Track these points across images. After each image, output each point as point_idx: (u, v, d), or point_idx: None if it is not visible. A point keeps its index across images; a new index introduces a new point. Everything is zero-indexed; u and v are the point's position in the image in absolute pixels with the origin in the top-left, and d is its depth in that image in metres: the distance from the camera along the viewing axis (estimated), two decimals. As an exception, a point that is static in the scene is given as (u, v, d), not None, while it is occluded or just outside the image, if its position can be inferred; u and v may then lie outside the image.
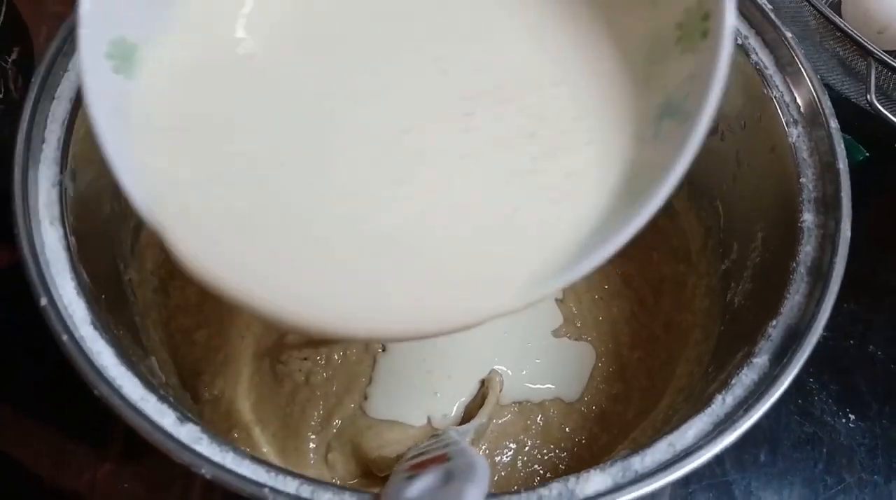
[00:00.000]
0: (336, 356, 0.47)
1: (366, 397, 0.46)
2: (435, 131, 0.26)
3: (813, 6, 0.52)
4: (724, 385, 0.31)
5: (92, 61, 0.24)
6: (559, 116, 0.27)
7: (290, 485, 0.27)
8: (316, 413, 0.46)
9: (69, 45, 0.36)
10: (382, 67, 0.27)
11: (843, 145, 0.35)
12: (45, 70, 0.35)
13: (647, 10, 0.27)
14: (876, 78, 0.51)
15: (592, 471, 0.28)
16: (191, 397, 0.44)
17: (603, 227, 0.25)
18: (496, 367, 0.47)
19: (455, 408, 0.46)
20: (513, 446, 0.45)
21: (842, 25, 0.51)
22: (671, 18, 0.26)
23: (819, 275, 0.33)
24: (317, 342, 0.46)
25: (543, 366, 0.47)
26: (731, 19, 0.24)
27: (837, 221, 0.33)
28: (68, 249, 0.32)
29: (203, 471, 0.27)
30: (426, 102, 0.27)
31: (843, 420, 0.51)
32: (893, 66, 0.49)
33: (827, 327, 0.53)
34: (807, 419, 0.51)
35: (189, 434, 0.28)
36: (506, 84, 0.27)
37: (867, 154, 0.58)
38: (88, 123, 0.35)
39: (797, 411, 0.51)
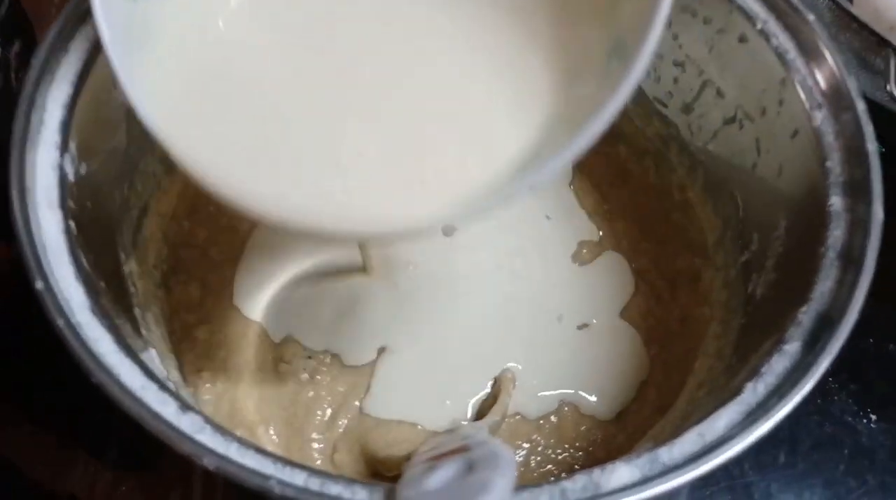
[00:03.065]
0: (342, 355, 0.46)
1: (367, 394, 0.44)
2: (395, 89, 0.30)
3: (829, -3, 0.51)
4: (754, 373, 0.29)
5: None
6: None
7: (297, 477, 0.26)
8: (321, 413, 0.44)
9: (70, 27, 0.35)
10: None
11: (871, 126, 0.34)
12: (45, 52, 0.34)
13: None
14: (895, 70, 0.50)
15: (619, 463, 0.27)
16: (192, 395, 0.42)
17: (536, 159, 0.28)
18: (509, 364, 0.45)
19: (467, 410, 0.44)
20: (526, 445, 0.43)
21: (858, 16, 0.50)
22: None
23: (850, 259, 0.31)
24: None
25: (559, 365, 0.45)
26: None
27: (868, 204, 0.32)
28: (67, 232, 0.31)
29: (205, 461, 0.26)
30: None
31: (864, 421, 0.50)
32: (912, 56, 0.48)
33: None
34: (827, 420, 0.50)
35: (192, 424, 0.27)
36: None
37: (883, 149, 0.56)
38: (93, 110, 0.35)
39: (816, 411, 0.50)
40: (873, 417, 0.50)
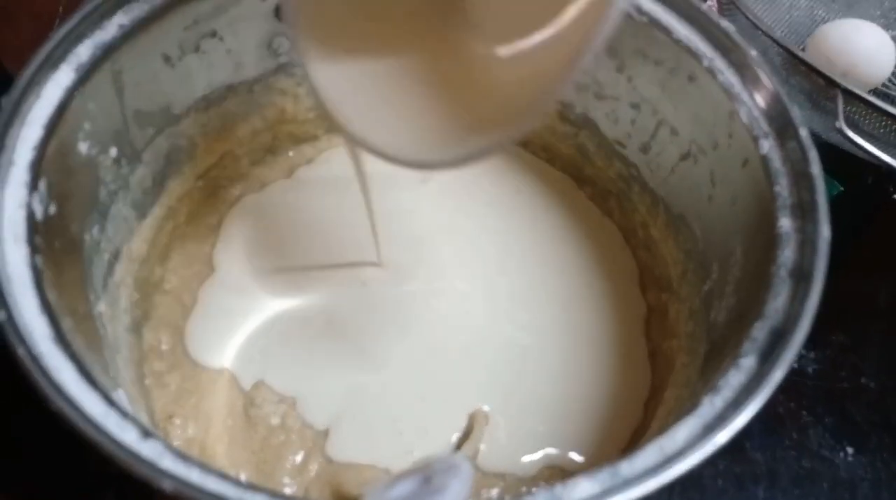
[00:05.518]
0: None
1: (328, 440, 0.44)
2: None
3: (777, 43, 0.53)
4: (712, 389, 0.30)
5: None
6: None
7: (258, 499, 0.26)
8: (292, 457, 0.44)
9: (42, 72, 0.36)
10: None
11: (815, 151, 0.35)
12: (18, 95, 0.35)
13: None
14: (843, 109, 0.52)
15: (579, 477, 0.27)
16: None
17: None
18: (483, 406, 0.45)
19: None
20: (501, 483, 0.43)
21: (805, 59, 0.53)
22: None
23: (801, 276, 0.32)
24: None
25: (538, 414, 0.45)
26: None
27: (815, 223, 0.33)
28: (33, 267, 0.31)
29: (164, 485, 0.25)
30: None
31: (842, 454, 0.50)
32: (858, 95, 0.51)
33: (817, 360, 0.53)
34: (804, 454, 0.49)
35: (153, 450, 0.27)
36: None
37: (842, 188, 0.58)
38: (63, 155, 0.36)
39: (793, 446, 0.50)
40: (850, 450, 0.50)
